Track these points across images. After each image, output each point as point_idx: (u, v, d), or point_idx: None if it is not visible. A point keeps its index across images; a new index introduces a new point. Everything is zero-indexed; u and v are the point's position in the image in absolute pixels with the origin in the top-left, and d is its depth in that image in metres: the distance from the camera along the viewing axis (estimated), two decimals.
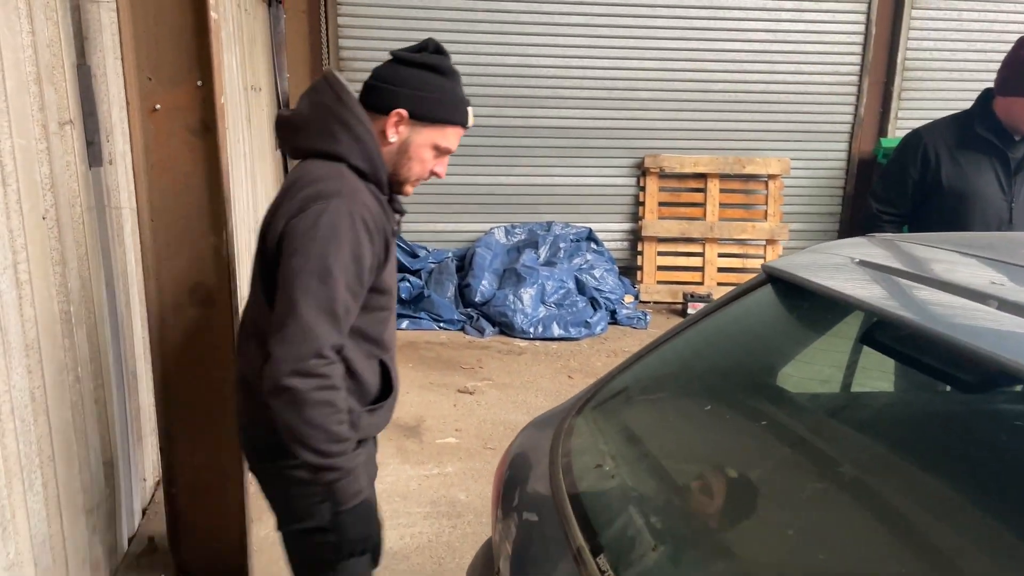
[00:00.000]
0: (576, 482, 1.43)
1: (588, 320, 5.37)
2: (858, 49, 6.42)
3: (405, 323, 5.36)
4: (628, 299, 5.86)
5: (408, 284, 5.58)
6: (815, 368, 1.74)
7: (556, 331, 5.25)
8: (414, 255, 6.09)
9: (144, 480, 2.44)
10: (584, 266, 5.80)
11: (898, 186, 2.72)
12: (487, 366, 4.75)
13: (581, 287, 5.66)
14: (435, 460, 3.53)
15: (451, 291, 5.60)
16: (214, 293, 1.97)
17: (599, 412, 1.59)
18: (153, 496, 2.47)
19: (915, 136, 2.70)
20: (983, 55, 6.51)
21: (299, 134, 1.47)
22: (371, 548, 1.51)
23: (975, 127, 2.57)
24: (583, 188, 6.40)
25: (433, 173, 1.55)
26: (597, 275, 5.74)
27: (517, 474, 1.60)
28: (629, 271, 6.35)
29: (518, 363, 4.78)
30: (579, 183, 6.39)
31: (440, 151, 1.52)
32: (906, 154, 2.69)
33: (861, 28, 6.39)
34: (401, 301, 5.51)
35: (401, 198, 1.56)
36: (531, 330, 5.25)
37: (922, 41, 6.48)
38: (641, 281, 6.23)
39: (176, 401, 2.04)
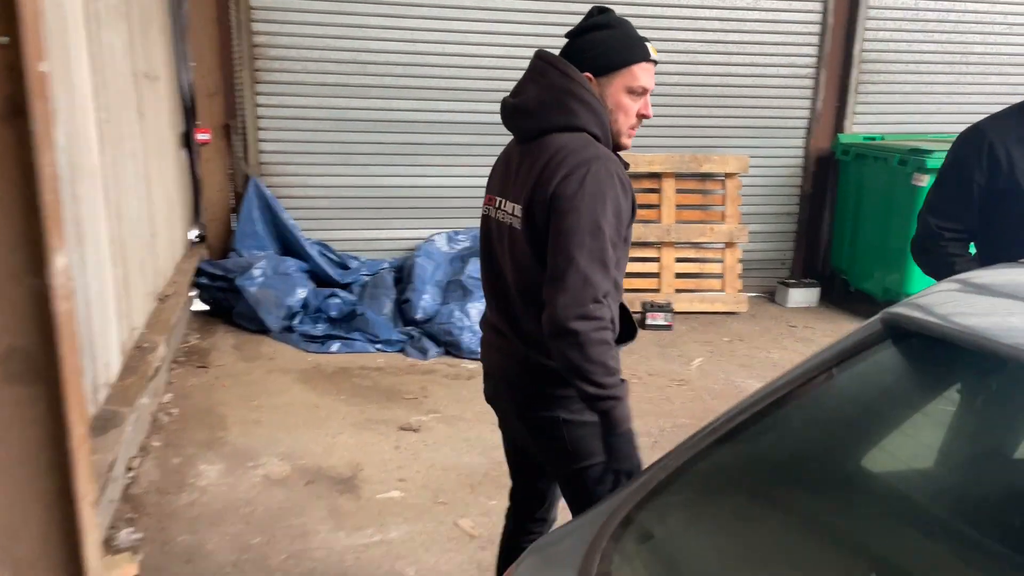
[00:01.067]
0: None
1: None
2: (815, 40, 6.10)
3: (336, 345, 4.69)
4: None
5: (338, 300, 4.91)
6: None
7: None
8: (345, 266, 5.41)
9: None
10: None
11: (961, 197, 2.22)
12: (433, 395, 4.13)
13: None
14: (376, 522, 2.92)
15: (388, 307, 4.98)
16: (38, 360, 1.31)
17: (653, 549, 1.02)
18: None
19: (976, 133, 2.22)
20: (940, 46, 6.32)
21: (534, 117, 1.66)
22: (637, 470, 1.59)
23: None
24: None
25: (641, 116, 1.70)
26: None
27: None
28: None
29: (468, 389, 4.19)
30: None
31: (635, 92, 1.66)
32: (967, 156, 2.22)
33: (818, 18, 6.07)
34: (330, 320, 4.85)
35: (621, 153, 1.71)
36: (480, 350, 4.65)
37: (879, 32, 6.21)
38: None
39: None
